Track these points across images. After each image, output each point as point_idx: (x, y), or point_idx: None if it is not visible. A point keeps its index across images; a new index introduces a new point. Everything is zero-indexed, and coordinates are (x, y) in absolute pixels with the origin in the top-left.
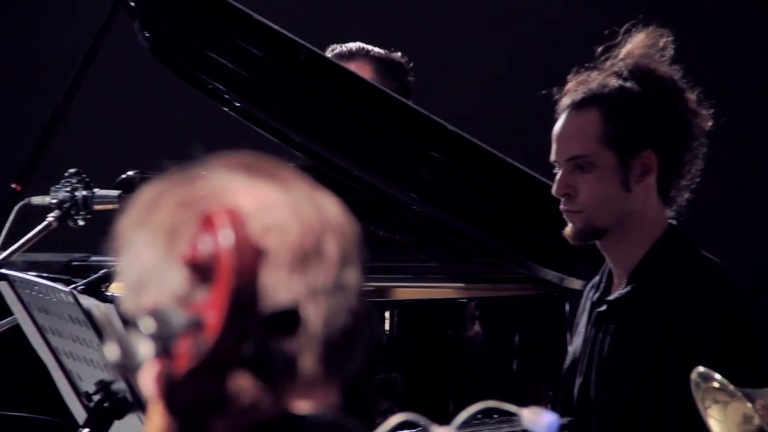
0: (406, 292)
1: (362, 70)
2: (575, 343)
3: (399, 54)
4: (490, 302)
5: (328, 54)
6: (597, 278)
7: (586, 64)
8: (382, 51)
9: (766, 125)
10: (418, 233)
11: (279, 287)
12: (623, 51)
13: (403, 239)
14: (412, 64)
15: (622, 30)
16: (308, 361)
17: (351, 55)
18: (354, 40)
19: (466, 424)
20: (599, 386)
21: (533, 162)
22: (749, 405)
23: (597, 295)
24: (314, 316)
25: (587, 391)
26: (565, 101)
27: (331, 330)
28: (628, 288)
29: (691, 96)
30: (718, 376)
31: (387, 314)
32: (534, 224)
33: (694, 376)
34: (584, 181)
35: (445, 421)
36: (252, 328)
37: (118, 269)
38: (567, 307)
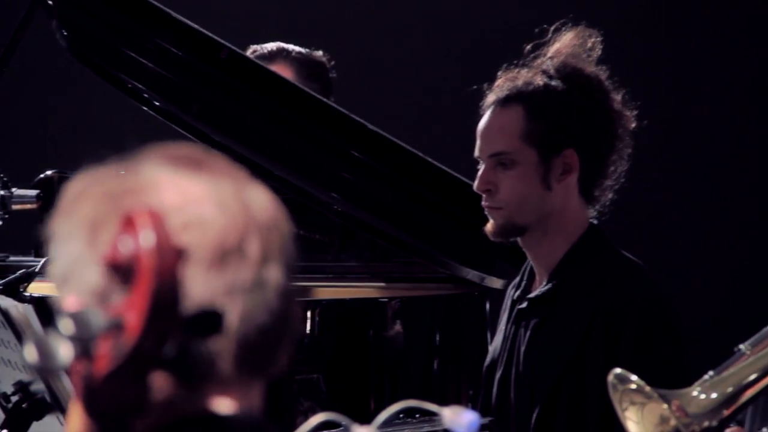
0: (327, 291)
1: (283, 71)
2: (495, 342)
3: (320, 53)
4: (410, 302)
5: (249, 55)
6: (518, 278)
7: (515, 61)
8: (302, 51)
9: (692, 126)
10: (339, 233)
11: (197, 285)
12: (551, 49)
13: (323, 239)
14: (333, 63)
15: (552, 28)
16: (226, 361)
17: (272, 57)
18: (279, 39)
19: (387, 423)
20: (518, 384)
21: (454, 161)
22: (665, 406)
23: (518, 293)
24: (232, 315)
25: (507, 389)
26: (491, 98)
27: (249, 329)
28: (549, 286)
29: (617, 96)
30: (634, 377)
31: (308, 314)
32: (454, 223)
33: (611, 378)
34: (505, 177)
35: (366, 420)
36: (173, 329)
37: (49, 262)
38: (487, 306)
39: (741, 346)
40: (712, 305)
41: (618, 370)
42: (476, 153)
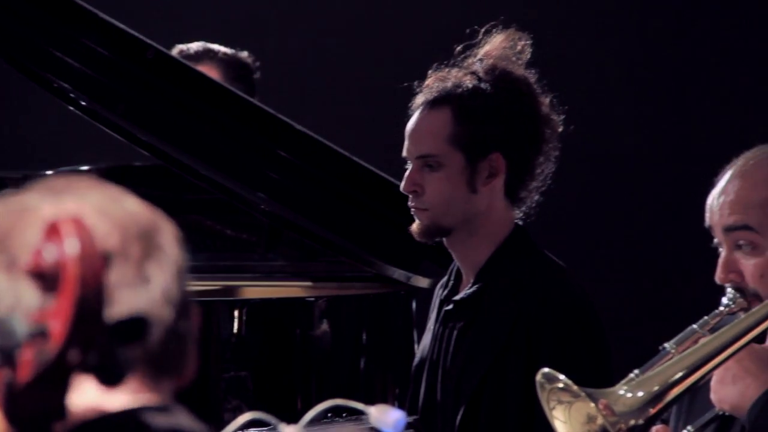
0: (255, 291)
1: (210, 72)
2: (424, 341)
3: (246, 54)
4: (337, 301)
5: (175, 55)
6: (446, 277)
7: (445, 61)
8: (228, 52)
9: (616, 130)
10: (266, 232)
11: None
12: (481, 51)
13: (250, 238)
14: (258, 63)
15: (483, 30)
16: (136, 361)
17: (198, 57)
18: (205, 39)
19: (313, 422)
20: (445, 385)
21: (382, 160)
22: (592, 405)
23: (445, 293)
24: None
25: (434, 390)
26: (420, 98)
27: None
28: (474, 288)
29: (545, 100)
30: (562, 376)
31: (236, 313)
32: (381, 223)
33: (539, 377)
34: (432, 179)
35: (293, 419)
36: (97, 336)
37: None
38: (414, 305)
39: (666, 345)
40: (632, 304)
41: (546, 369)
42: (404, 153)
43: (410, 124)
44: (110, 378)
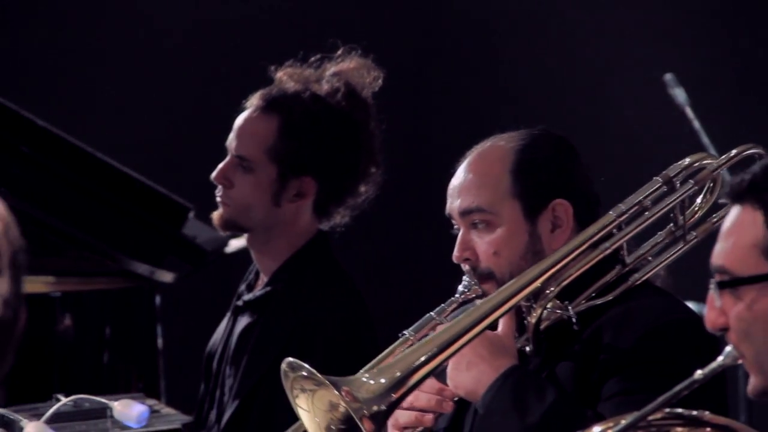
0: None
1: None
2: (218, 332)
3: None
4: (80, 296)
5: None
6: (249, 272)
7: (299, 60)
8: None
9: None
10: None
11: None
12: (334, 69)
13: None
14: None
15: (342, 50)
16: None
17: None
18: None
19: (57, 417)
20: (223, 381)
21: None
22: (335, 392)
23: (243, 288)
24: None
25: (216, 383)
26: (257, 96)
27: None
28: (264, 291)
29: (377, 132)
30: (306, 366)
31: None
32: (125, 219)
33: (283, 366)
34: (242, 180)
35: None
36: None
37: None
38: (158, 299)
39: (405, 332)
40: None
41: (290, 359)
42: (227, 143)
43: (241, 118)
44: None
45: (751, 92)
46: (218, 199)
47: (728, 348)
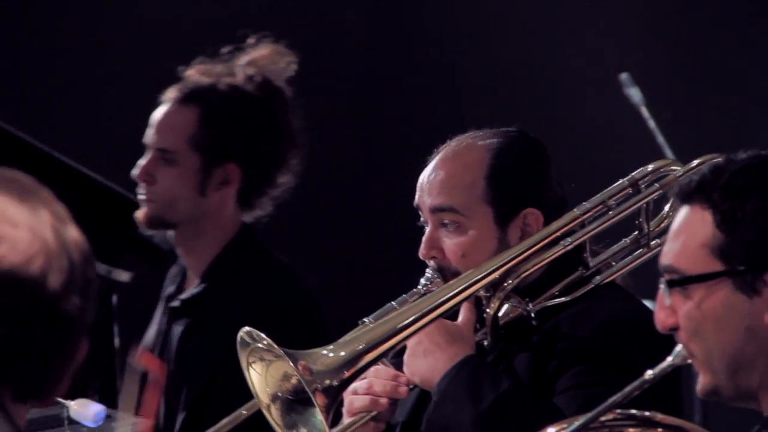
0: None
1: None
2: (149, 333)
3: None
4: None
5: None
6: (175, 270)
7: (210, 57)
8: None
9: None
10: None
11: None
12: (246, 58)
13: None
14: None
15: (252, 39)
16: None
17: None
18: None
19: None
20: (169, 383)
21: (83, 152)
22: (291, 365)
23: (173, 288)
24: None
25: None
26: (173, 90)
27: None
28: (201, 288)
29: (296, 119)
30: (267, 338)
31: None
32: (80, 217)
33: (241, 334)
34: (165, 174)
35: None
36: None
37: None
38: (114, 299)
39: (365, 319)
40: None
41: (248, 328)
42: (145, 139)
43: (157, 114)
44: None
45: (706, 92)
46: (142, 197)
47: (678, 347)
